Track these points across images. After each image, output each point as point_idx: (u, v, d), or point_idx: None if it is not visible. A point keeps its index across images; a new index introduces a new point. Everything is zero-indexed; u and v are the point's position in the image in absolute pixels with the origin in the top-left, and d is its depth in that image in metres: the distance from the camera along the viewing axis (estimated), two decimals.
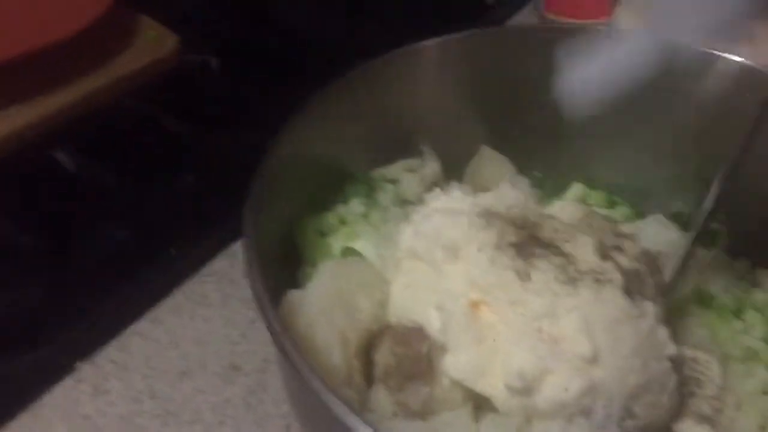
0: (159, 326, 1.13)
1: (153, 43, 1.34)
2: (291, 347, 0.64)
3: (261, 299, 0.68)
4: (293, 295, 0.79)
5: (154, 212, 1.25)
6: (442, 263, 0.78)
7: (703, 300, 0.97)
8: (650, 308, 0.76)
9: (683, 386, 0.83)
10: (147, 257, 1.18)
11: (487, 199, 0.86)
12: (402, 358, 0.77)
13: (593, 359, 0.72)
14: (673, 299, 0.94)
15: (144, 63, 1.32)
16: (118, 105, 1.31)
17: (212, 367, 1.08)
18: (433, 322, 0.77)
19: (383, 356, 0.79)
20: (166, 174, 1.30)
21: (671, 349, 0.77)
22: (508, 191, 0.87)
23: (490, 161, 1.06)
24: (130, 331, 1.12)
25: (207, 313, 1.15)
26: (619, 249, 0.83)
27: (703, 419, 0.83)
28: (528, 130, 1.11)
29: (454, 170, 1.09)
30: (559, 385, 0.71)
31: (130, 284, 1.15)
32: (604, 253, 0.80)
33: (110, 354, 1.09)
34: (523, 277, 0.75)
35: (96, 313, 1.11)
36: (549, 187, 1.13)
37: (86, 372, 1.06)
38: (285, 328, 0.67)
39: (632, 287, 0.78)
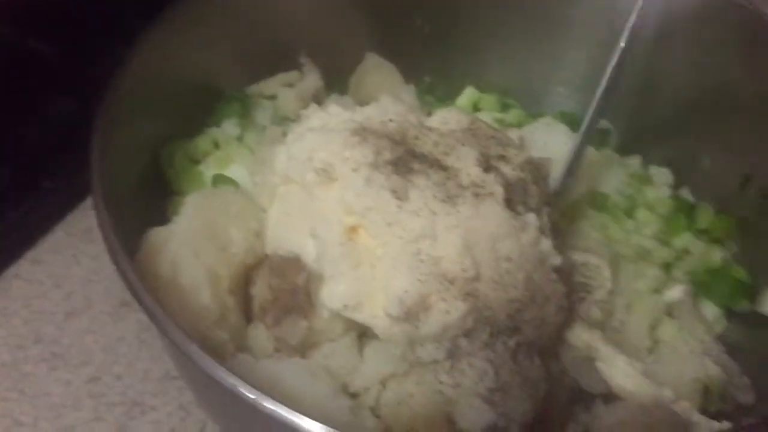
0: (40, 266, 1.06)
1: None
2: (146, 297, 0.59)
3: (112, 247, 0.62)
4: (155, 234, 0.73)
5: (22, 142, 1.14)
6: (316, 187, 0.73)
7: (597, 201, 0.95)
8: (533, 220, 0.73)
9: (573, 293, 0.82)
10: (19, 192, 1.09)
11: (365, 113, 0.80)
12: (278, 291, 0.72)
13: (475, 277, 0.69)
14: (565, 203, 0.92)
15: None
16: None
17: (100, 306, 1.02)
18: (308, 251, 0.72)
19: (260, 291, 0.75)
20: (33, 99, 1.19)
21: (556, 260, 0.74)
22: (388, 104, 0.81)
23: (375, 70, 1.00)
24: (8, 274, 1.04)
25: (91, 249, 1.08)
26: (503, 158, 0.79)
27: (594, 324, 0.82)
28: (417, 34, 1.04)
29: (338, 82, 1.02)
30: (442, 309, 0.68)
31: (3, 223, 1.07)
32: (487, 164, 0.77)
33: None
34: (401, 196, 0.71)
35: None
36: (441, 92, 1.08)
37: None
38: (140, 276, 0.61)
39: (515, 198, 0.75)
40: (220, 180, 0.84)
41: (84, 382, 0.96)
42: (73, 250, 1.08)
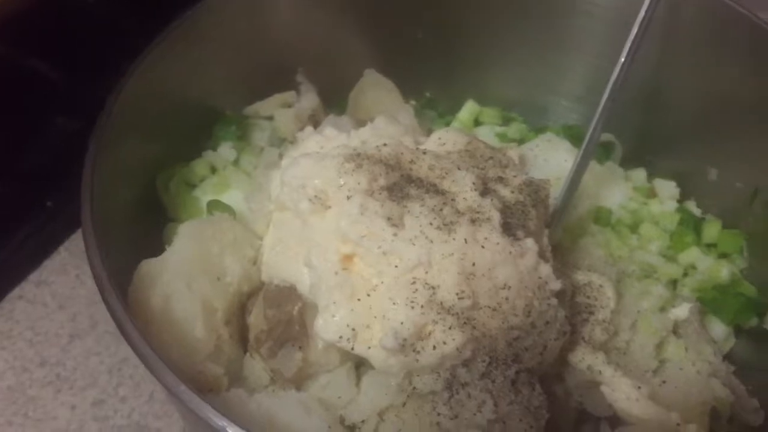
0: (44, 288, 1.06)
1: None
2: (134, 334, 0.58)
3: (100, 281, 0.61)
4: (147, 265, 0.72)
5: (26, 161, 1.14)
6: (310, 214, 0.72)
7: (600, 217, 0.93)
8: (531, 245, 0.71)
9: (575, 315, 0.80)
10: (22, 212, 1.09)
11: (360, 137, 0.79)
12: (274, 322, 0.71)
13: (472, 306, 0.68)
14: (568, 219, 0.91)
15: None
16: None
17: (105, 327, 1.02)
18: (303, 280, 0.71)
19: (255, 321, 0.74)
20: (37, 119, 1.18)
21: (556, 285, 0.72)
22: (383, 126, 0.79)
23: (373, 87, 0.98)
24: (12, 296, 1.04)
25: None
26: (501, 180, 0.78)
27: (597, 346, 0.80)
28: (417, 48, 1.03)
29: (337, 99, 1.01)
30: (439, 339, 0.66)
31: (7, 245, 1.07)
32: (484, 187, 0.75)
33: None
34: (396, 223, 0.70)
35: None
36: (442, 106, 1.07)
37: None
38: (131, 311, 0.60)
39: (514, 222, 0.74)
40: (215, 206, 0.83)
41: (89, 405, 0.96)
42: (77, 271, 1.08)
